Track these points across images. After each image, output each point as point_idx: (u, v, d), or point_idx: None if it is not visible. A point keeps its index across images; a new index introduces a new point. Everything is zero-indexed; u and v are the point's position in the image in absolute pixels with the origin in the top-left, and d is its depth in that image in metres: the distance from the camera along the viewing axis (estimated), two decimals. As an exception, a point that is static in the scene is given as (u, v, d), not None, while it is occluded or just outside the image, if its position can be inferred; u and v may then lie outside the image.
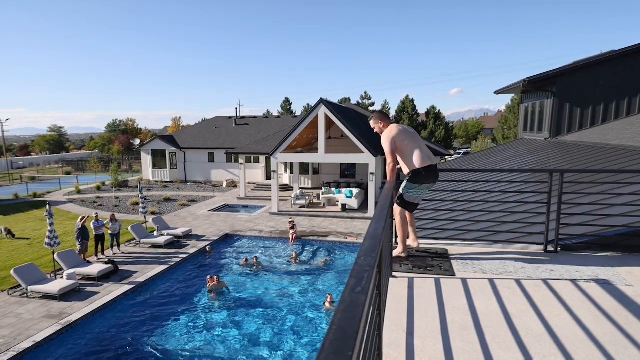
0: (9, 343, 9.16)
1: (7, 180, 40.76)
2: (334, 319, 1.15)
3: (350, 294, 1.34)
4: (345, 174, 28.55)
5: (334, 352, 0.98)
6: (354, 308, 1.24)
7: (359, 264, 1.82)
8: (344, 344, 1.02)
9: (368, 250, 2.15)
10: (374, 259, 2.03)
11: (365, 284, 1.51)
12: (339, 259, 15.61)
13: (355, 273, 1.66)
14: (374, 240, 2.36)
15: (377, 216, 3.00)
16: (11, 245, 16.80)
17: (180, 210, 23.76)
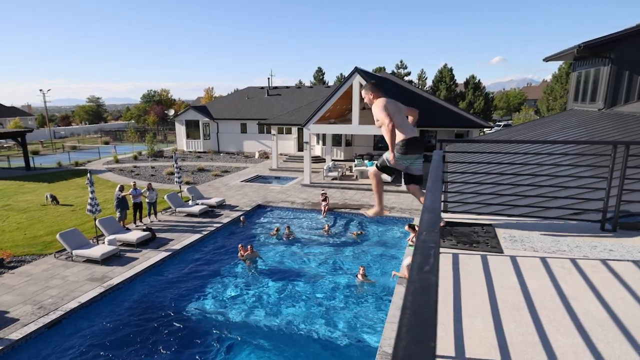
0: (57, 303, 9.64)
1: (51, 149, 42.57)
2: (406, 302, 1.07)
3: (419, 273, 1.26)
4: (378, 146, 27.99)
5: (414, 341, 0.89)
6: (426, 290, 1.15)
7: (423, 240, 1.65)
8: (424, 331, 0.94)
9: (429, 225, 1.95)
10: (437, 234, 1.84)
11: (433, 262, 1.37)
12: (371, 231, 15.47)
13: (419, 250, 1.52)
14: (434, 214, 2.15)
15: (432, 188, 2.77)
16: (56, 211, 17.59)
17: (214, 180, 24.12)
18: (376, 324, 9.26)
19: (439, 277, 1.27)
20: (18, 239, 13.99)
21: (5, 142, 44.07)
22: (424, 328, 0.95)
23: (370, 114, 22.01)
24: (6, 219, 16.45)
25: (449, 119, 23.55)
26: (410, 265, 1.39)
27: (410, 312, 1.01)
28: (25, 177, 25.62)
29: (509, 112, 69.48)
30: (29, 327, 8.64)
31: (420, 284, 1.18)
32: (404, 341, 0.88)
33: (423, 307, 1.04)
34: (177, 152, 34.64)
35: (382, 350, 7.67)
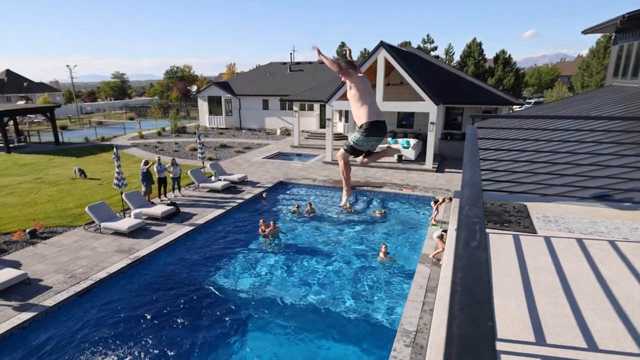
0: (87, 272, 9.96)
1: (78, 124, 43.53)
2: (455, 279, 1.05)
3: (466, 249, 1.23)
4: (402, 123, 27.44)
5: (469, 320, 0.87)
6: (476, 266, 1.12)
7: (466, 215, 1.58)
8: (479, 310, 0.91)
9: (471, 200, 1.84)
10: (480, 209, 1.73)
11: (480, 237, 1.30)
12: (393, 210, 15.32)
13: (464, 225, 1.46)
14: (475, 189, 2.02)
15: (470, 163, 2.63)
16: (84, 185, 18.06)
17: (236, 156, 24.25)
18: (397, 302, 9.24)
19: (488, 254, 1.21)
20: (49, 211, 14.45)
21: (35, 117, 45.26)
22: (478, 306, 0.92)
23: (395, 90, 21.49)
24: (38, 192, 17.00)
25: (476, 96, 22.81)
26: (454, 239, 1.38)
27: (461, 289, 0.98)
28: (55, 152, 26.34)
29: (540, 89, 66.72)
30: (61, 295, 8.97)
31: (468, 260, 1.14)
32: (457, 319, 0.85)
33: (475, 285, 1.01)
34: (199, 128, 34.90)
35: (403, 328, 7.68)
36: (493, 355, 0.78)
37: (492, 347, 0.80)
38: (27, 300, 8.74)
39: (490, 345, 0.80)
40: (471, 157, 2.77)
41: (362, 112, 4.13)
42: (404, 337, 7.33)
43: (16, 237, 11.84)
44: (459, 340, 0.80)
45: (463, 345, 0.79)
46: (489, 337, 0.82)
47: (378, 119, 4.14)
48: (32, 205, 15.15)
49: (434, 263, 10.10)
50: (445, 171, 20.07)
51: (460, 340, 0.80)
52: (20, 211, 14.47)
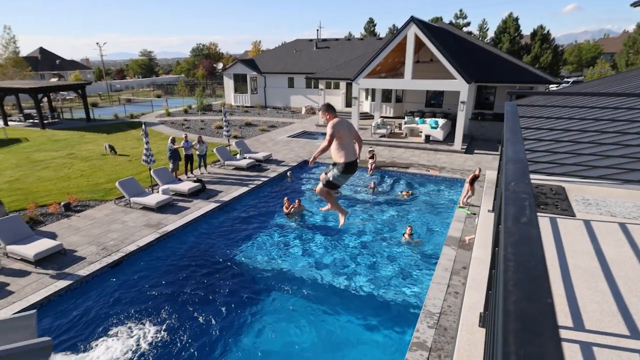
0: (118, 245, 10.28)
1: (108, 101, 44.49)
2: (507, 254, 1.02)
3: (516, 225, 1.19)
4: (430, 102, 26.76)
5: (525, 297, 0.84)
6: (529, 242, 1.09)
7: (513, 191, 1.49)
8: (535, 286, 0.89)
9: (517, 175, 1.73)
10: (528, 185, 1.63)
11: (530, 213, 1.26)
12: (419, 191, 15.08)
13: (511, 200, 1.39)
14: (521, 164, 1.89)
15: (512, 139, 2.48)
16: (114, 161, 18.52)
17: (261, 135, 24.30)
18: (421, 284, 9.17)
19: (540, 231, 1.15)
20: (82, 185, 14.92)
21: (68, 95, 46.47)
22: (534, 283, 0.90)
23: (424, 67, 20.86)
24: (71, 167, 17.55)
25: (510, 74, 21.86)
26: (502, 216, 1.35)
27: (514, 264, 0.97)
28: (86, 128, 27.05)
29: (580, 67, 63.27)
30: (94, 266, 9.31)
31: (520, 236, 1.11)
32: (513, 295, 0.84)
33: (529, 261, 0.99)
34: (225, 106, 35.07)
35: (426, 310, 7.62)
36: (555, 334, 0.74)
37: (553, 326, 0.76)
38: (63, 269, 9.11)
39: (551, 323, 0.77)
40: (513, 133, 2.63)
41: (341, 153, 4.82)
42: (427, 318, 7.28)
43: (52, 210, 12.30)
44: (517, 317, 0.78)
45: (521, 321, 0.77)
46: (549, 315, 0.79)
47: (353, 159, 4.88)
48: (66, 180, 15.66)
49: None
50: (474, 152, 19.55)
51: (518, 317, 0.78)
52: (55, 185, 15.00)
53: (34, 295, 8.15)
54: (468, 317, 2.71)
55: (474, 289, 3.04)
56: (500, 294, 0.89)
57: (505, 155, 2.11)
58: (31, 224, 11.25)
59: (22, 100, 33.25)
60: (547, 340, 0.72)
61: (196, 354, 7.05)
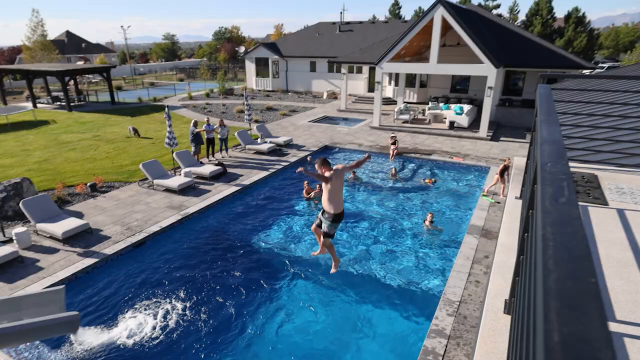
0: (142, 226, 10.50)
1: (132, 85, 45.15)
2: (546, 234, 1.00)
3: (554, 205, 1.17)
4: (456, 88, 26.09)
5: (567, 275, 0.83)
6: (568, 222, 1.06)
7: (549, 171, 1.45)
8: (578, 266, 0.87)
9: (553, 156, 1.65)
10: (566, 165, 1.55)
11: (569, 194, 1.23)
12: (442, 178, 14.83)
13: (548, 181, 1.36)
14: (557, 145, 1.79)
15: (547, 120, 2.37)
16: (138, 143, 18.85)
17: (282, 119, 24.27)
18: (441, 271, 9.06)
19: (580, 211, 1.15)
20: (107, 167, 15.26)
21: (93, 77, 47.38)
22: (576, 262, 0.88)
23: (450, 51, 20.27)
24: (97, 149, 17.95)
25: (541, 58, 21.01)
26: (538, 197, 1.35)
27: (554, 243, 0.96)
28: (111, 111, 27.56)
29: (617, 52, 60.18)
30: (119, 245, 9.54)
31: (558, 216, 1.10)
32: (554, 274, 0.83)
33: (570, 240, 0.97)
34: (246, 90, 35.10)
35: (446, 298, 7.53)
36: (601, 314, 0.73)
37: (599, 305, 0.75)
38: (89, 247, 9.38)
39: (596, 302, 0.75)
40: (548, 114, 2.51)
41: (333, 205, 5.59)
42: (447, 306, 7.20)
43: (79, 190, 12.63)
44: (559, 295, 0.77)
45: (564, 299, 0.76)
46: (593, 294, 0.78)
47: (340, 211, 5.70)
48: (92, 161, 16.04)
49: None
50: (500, 140, 19.05)
51: (560, 295, 0.77)
52: (81, 166, 15.39)
53: (62, 272, 8.43)
54: (492, 303, 2.66)
55: (499, 275, 2.96)
56: (539, 273, 0.88)
57: (540, 137, 2.01)
58: (59, 203, 11.59)
59: (49, 83, 34.06)
60: (593, 320, 0.70)
61: (214, 332, 7.19)
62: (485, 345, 2.35)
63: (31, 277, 8.23)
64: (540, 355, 0.66)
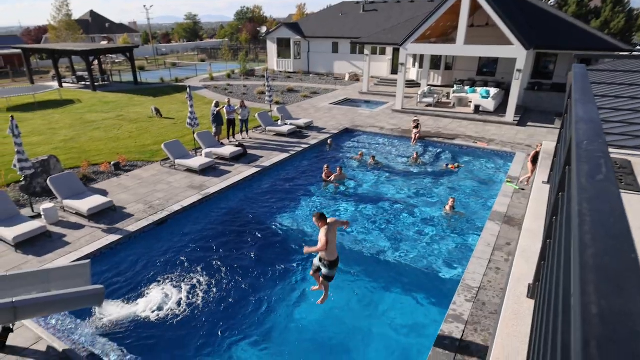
0: (163, 205, 10.68)
1: (154, 65, 45.56)
2: (582, 209, 0.99)
3: (590, 182, 1.15)
4: (483, 70, 25.29)
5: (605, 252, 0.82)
6: (606, 198, 1.05)
7: (585, 149, 1.39)
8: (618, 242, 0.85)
9: (589, 134, 1.56)
10: (603, 144, 1.47)
11: (607, 172, 1.20)
12: (464, 163, 14.52)
13: (584, 159, 1.31)
14: (594, 124, 1.68)
15: (583, 99, 2.22)
16: (160, 124, 19.08)
17: (303, 101, 24.12)
18: (460, 257, 8.93)
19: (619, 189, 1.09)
20: (130, 146, 15.52)
21: (116, 58, 47.97)
22: (616, 238, 0.87)
23: (478, 32, 19.48)
24: (120, 128, 18.27)
25: (575, 40, 20.06)
26: None
27: (591, 219, 0.94)
28: (134, 91, 27.93)
29: (658, 34, 56.91)
30: (142, 223, 9.74)
31: (596, 192, 1.09)
32: (591, 249, 0.83)
33: (608, 216, 0.96)
34: (267, 71, 34.96)
35: (465, 283, 7.43)
36: None
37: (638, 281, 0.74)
38: (113, 224, 9.61)
39: (636, 278, 0.74)
40: (583, 93, 2.37)
41: (329, 252, 6.13)
42: (465, 292, 7.11)
43: (103, 169, 12.91)
44: (597, 269, 0.77)
45: (602, 274, 0.75)
46: (634, 270, 0.76)
47: (335, 258, 6.26)
48: (115, 140, 16.34)
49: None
50: (527, 125, 18.46)
51: (598, 269, 0.77)
52: (105, 145, 15.70)
53: (87, 247, 8.68)
54: (515, 288, 2.60)
55: (523, 260, 2.87)
56: (575, 249, 0.87)
57: (575, 115, 1.89)
58: (84, 181, 11.87)
59: (74, 63, 34.67)
60: (633, 294, 0.69)
61: (231, 308, 7.31)
62: (507, 328, 2.30)
63: (58, 251, 8.51)
64: (577, 329, 0.64)
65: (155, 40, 73.93)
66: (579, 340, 0.61)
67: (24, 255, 8.34)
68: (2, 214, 9.02)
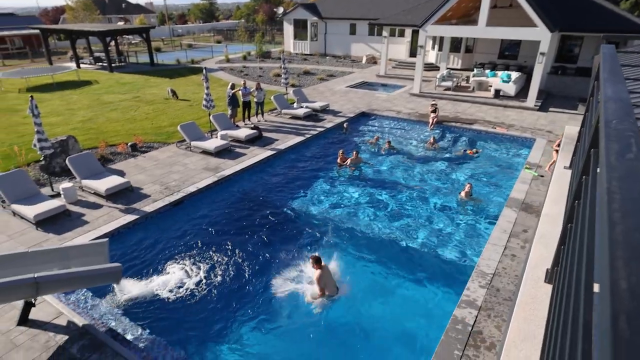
0: (179, 186, 10.80)
1: (170, 46, 45.61)
2: (610, 187, 0.97)
3: (620, 160, 1.11)
4: (504, 54, 24.58)
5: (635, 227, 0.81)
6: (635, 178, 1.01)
7: (615, 128, 1.35)
8: None
9: (619, 113, 1.50)
10: (634, 124, 1.41)
11: (638, 151, 1.15)
12: (482, 149, 14.25)
13: (614, 138, 1.27)
14: (623, 103, 1.60)
15: (611, 79, 2.12)
16: (176, 105, 19.18)
17: (319, 84, 23.91)
18: (475, 243, 8.83)
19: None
20: (147, 128, 15.67)
21: (133, 38, 48.14)
22: None
23: (501, 13, 18.89)
24: (137, 109, 18.44)
25: (603, 22, 19.25)
26: None
27: (620, 197, 0.93)
28: (150, 72, 28.08)
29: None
30: (158, 203, 9.88)
31: (626, 171, 1.06)
32: (620, 226, 0.82)
33: (637, 195, 0.95)
34: (284, 53, 34.70)
35: (479, 269, 7.36)
36: None
37: None
38: (130, 205, 9.77)
39: None
40: (612, 74, 2.26)
41: (329, 290, 6.79)
42: (479, 278, 7.05)
43: (120, 150, 13.09)
44: (627, 246, 0.76)
45: (631, 249, 0.74)
46: None
47: (334, 293, 6.97)
48: (132, 122, 16.52)
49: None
50: (549, 110, 17.97)
51: (628, 246, 0.76)
52: (122, 126, 15.89)
53: (105, 226, 8.85)
54: (533, 272, 2.57)
55: (542, 245, 2.81)
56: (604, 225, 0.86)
57: (604, 95, 1.81)
58: (102, 161, 12.07)
59: (92, 44, 34.93)
60: None
61: (244, 287, 7.41)
62: (523, 312, 2.27)
63: (77, 229, 8.71)
64: (606, 304, 0.63)
65: (171, 21, 73.83)
66: (608, 315, 0.61)
67: (45, 233, 8.56)
68: (23, 193, 9.25)
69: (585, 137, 2.82)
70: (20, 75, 24.15)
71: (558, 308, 1.54)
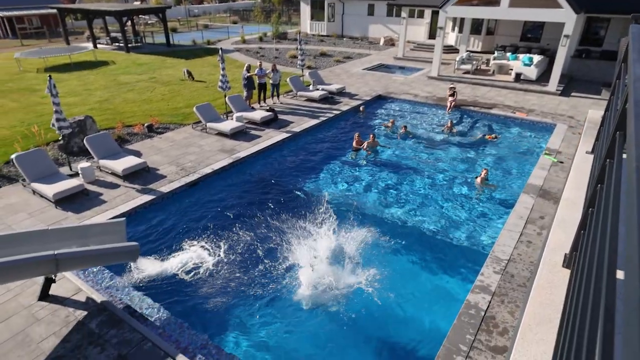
0: (195, 167, 10.89)
1: (186, 27, 45.41)
2: None
3: None
4: (527, 36, 23.80)
5: None
6: None
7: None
8: None
9: None
10: None
11: None
12: (500, 134, 13.96)
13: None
14: None
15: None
16: (192, 87, 19.21)
17: (335, 66, 23.62)
18: (490, 229, 8.74)
19: None
20: (163, 109, 15.76)
21: (149, 19, 48.03)
22: None
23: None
24: (153, 90, 18.53)
25: (632, 3, 18.33)
26: None
27: None
28: (167, 53, 28.06)
29: None
30: (174, 184, 10.00)
31: None
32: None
33: None
34: (300, 34, 34.24)
35: (494, 255, 7.30)
36: None
37: None
38: (147, 185, 9.90)
39: None
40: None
41: None
42: (494, 263, 6.99)
43: (136, 130, 13.22)
44: None
45: None
46: None
47: None
48: (148, 103, 16.62)
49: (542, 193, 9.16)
50: (571, 95, 17.44)
51: None
52: (139, 107, 16.01)
53: (123, 206, 9.01)
54: (550, 257, 2.53)
55: (561, 230, 2.75)
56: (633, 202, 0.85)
57: (634, 74, 1.72)
58: (119, 141, 12.21)
59: (108, 24, 34.99)
60: None
61: (258, 267, 7.50)
62: (540, 297, 2.24)
63: (95, 209, 8.88)
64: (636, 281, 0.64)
65: (187, 1, 73.35)
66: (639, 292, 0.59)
67: (64, 211, 8.76)
68: (43, 172, 9.45)
69: (611, 121, 2.72)
70: (38, 55, 24.39)
71: (577, 292, 1.50)
